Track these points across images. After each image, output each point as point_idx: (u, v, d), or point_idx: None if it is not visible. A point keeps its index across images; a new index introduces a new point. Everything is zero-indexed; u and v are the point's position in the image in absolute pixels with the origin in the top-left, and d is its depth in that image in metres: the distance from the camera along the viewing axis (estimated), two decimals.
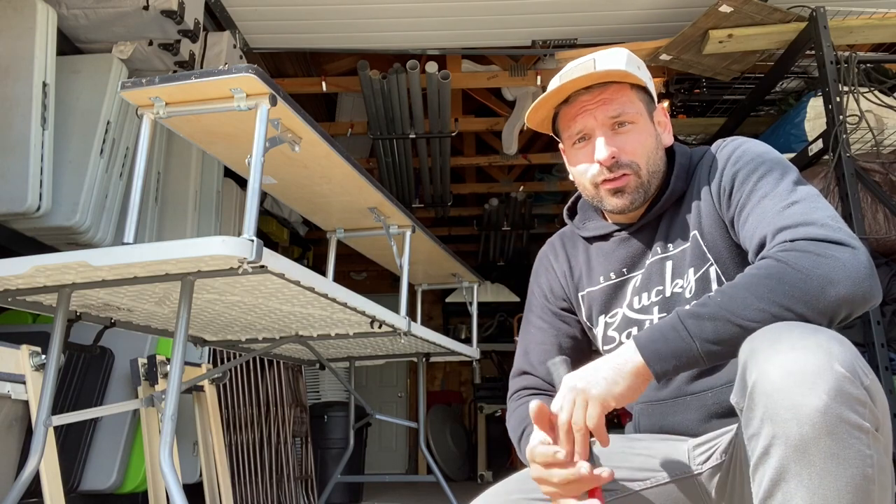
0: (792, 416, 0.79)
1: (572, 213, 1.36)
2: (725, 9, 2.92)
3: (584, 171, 1.20)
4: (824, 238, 0.93)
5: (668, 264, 1.17)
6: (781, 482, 0.80)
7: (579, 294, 1.28)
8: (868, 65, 3.15)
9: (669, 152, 1.24)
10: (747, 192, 1.07)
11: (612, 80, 1.17)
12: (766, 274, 0.92)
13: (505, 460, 6.00)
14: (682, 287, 1.14)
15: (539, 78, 3.90)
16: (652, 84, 1.24)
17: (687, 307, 0.96)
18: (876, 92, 2.98)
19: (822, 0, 2.92)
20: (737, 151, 1.14)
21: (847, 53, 2.91)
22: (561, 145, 1.29)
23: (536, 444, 0.98)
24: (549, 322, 1.30)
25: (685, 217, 1.17)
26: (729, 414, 1.08)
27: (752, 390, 0.83)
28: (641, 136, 1.17)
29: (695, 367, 0.96)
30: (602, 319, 1.24)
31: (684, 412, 1.16)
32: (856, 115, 2.81)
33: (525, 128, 4.43)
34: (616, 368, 0.95)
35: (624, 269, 1.22)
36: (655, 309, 1.17)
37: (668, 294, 1.16)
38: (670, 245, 1.18)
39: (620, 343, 1.19)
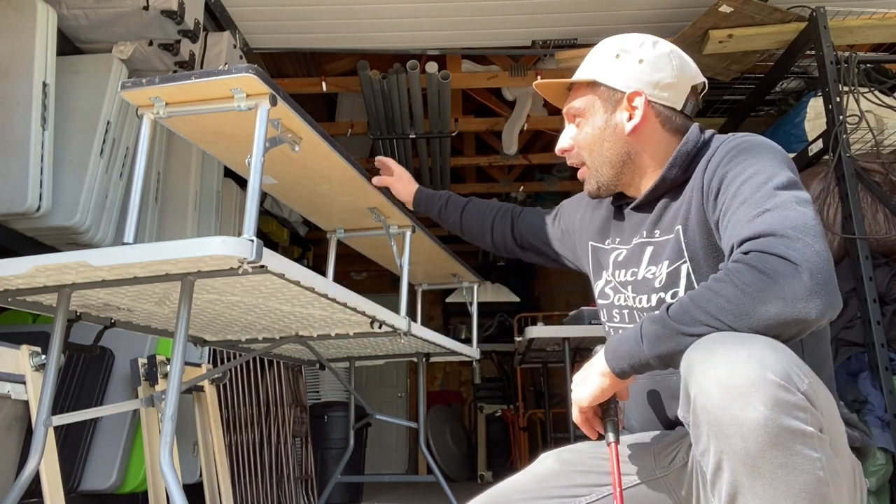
0: (735, 431, 0.80)
1: None
2: (725, 9, 2.92)
3: None
4: (773, 251, 0.91)
5: (649, 250, 1.20)
6: (738, 496, 0.82)
7: (590, 243, 1.37)
8: (868, 65, 3.15)
9: (679, 136, 1.23)
10: (730, 197, 1.06)
11: (569, 83, 1.32)
12: (710, 286, 0.94)
13: (505, 460, 6.00)
14: (653, 274, 1.18)
15: (539, 78, 3.90)
16: (628, 71, 1.24)
17: (652, 297, 1.06)
18: (876, 92, 2.98)
19: (822, 0, 2.92)
20: (732, 150, 1.13)
21: (847, 53, 2.92)
22: None
23: None
24: (550, 219, 1.57)
25: (678, 207, 1.18)
26: None
27: (694, 407, 0.85)
28: (586, 129, 1.29)
29: (649, 369, 0.99)
30: (605, 275, 1.31)
31: (655, 403, 1.19)
32: (856, 115, 2.81)
33: (525, 128, 4.44)
34: (590, 369, 1.06)
35: (617, 240, 1.29)
36: (629, 287, 1.23)
37: (640, 277, 1.20)
38: (657, 232, 1.20)
39: (612, 303, 1.28)
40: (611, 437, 1.06)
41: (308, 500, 3.68)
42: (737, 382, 0.80)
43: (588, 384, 1.05)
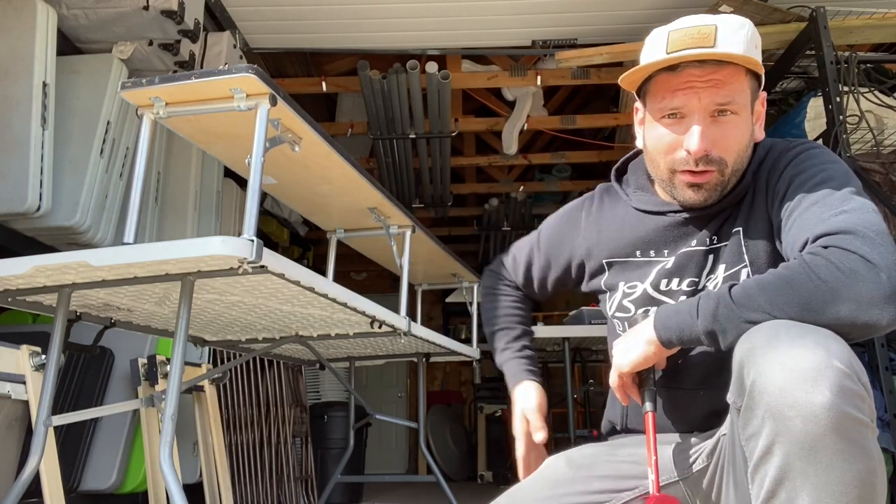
0: (796, 413, 0.78)
1: (620, 173, 1.31)
2: (725, 9, 2.92)
3: (665, 150, 1.11)
4: (856, 250, 0.89)
5: (710, 258, 1.15)
6: (786, 480, 0.80)
7: (603, 260, 1.26)
8: (868, 65, 3.15)
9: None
10: (799, 199, 1.03)
11: (731, 61, 1.06)
12: (782, 274, 0.92)
13: (505, 460, 6.00)
14: (712, 282, 1.14)
15: (539, 78, 3.90)
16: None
17: (715, 290, 0.98)
18: (876, 92, 2.98)
19: (823, 0, 2.92)
20: (801, 156, 1.10)
21: (847, 53, 2.92)
22: (638, 104, 1.20)
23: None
24: (546, 262, 1.40)
25: (738, 213, 1.14)
26: (715, 418, 1.09)
27: (752, 389, 0.83)
28: (738, 132, 1.08)
29: (697, 344, 0.98)
30: (622, 287, 1.23)
31: (673, 406, 1.16)
32: (856, 115, 2.81)
33: (525, 128, 4.43)
34: (635, 336, 1.05)
35: (665, 251, 1.18)
36: (682, 298, 1.14)
37: (700, 286, 1.15)
38: (715, 238, 1.15)
39: (633, 317, 1.20)
40: (648, 406, 1.06)
41: (308, 500, 3.68)
42: (803, 366, 0.79)
43: (632, 351, 1.04)
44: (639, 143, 1.21)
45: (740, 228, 1.12)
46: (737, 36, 1.06)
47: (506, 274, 1.53)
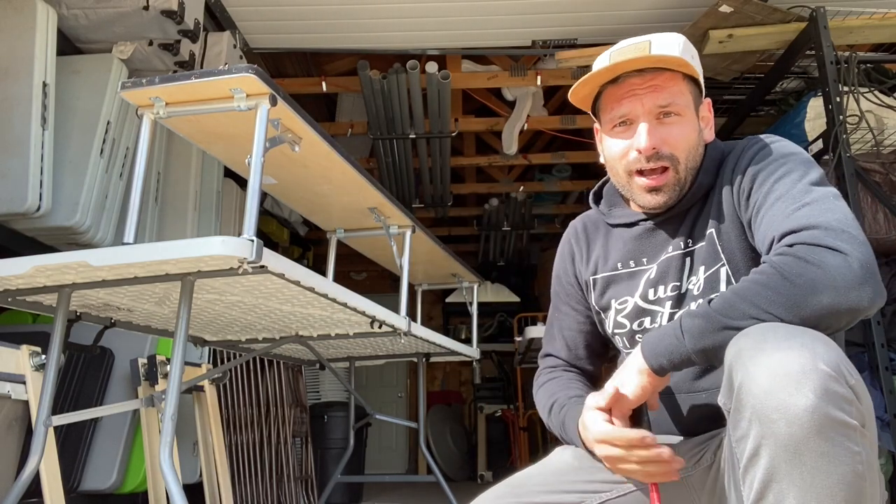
0: (780, 416, 0.79)
1: (598, 196, 1.35)
2: (725, 9, 2.92)
3: (619, 156, 1.18)
4: (821, 243, 0.92)
5: (688, 260, 1.17)
6: (772, 483, 0.80)
7: (592, 278, 1.29)
8: (868, 65, 3.15)
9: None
10: (763, 194, 1.06)
11: (667, 66, 1.13)
12: (756, 279, 0.94)
13: (505, 460, 6.00)
14: (693, 284, 1.15)
15: (539, 78, 3.90)
16: (702, 75, 1.20)
17: (692, 307, 0.99)
18: (876, 92, 2.98)
19: (823, 0, 2.92)
20: (762, 151, 1.12)
21: (847, 53, 2.92)
22: (596, 125, 1.27)
23: (607, 428, 1.02)
24: (570, 308, 1.35)
25: (707, 213, 1.16)
26: (720, 417, 1.09)
27: (739, 392, 0.84)
28: (685, 130, 1.15)
29: (689, 365, 0.98)
30: (613, 304, 1.25)
31: (676, 409, 1.17)
32: (856, 115, 2.81)
33: (525, 128, 4.44)
34: (628, 369, 1.03)
35: (644, 259, 1.22)
36: (668, 303, 1.17)
37: (682, 290, 1.16)
38: (690, 241, 1.17)
39: (631, 330, 1.22)
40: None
41: (308, 500, 3.68)
42: (787, 369, 0.80)
43: (626, 384, 1.02)
44: (601, 160, 1.27)
45: (713, 230, 1.14)
46: (669, 46, 1.14)
47: (549, 354, 1.40)
